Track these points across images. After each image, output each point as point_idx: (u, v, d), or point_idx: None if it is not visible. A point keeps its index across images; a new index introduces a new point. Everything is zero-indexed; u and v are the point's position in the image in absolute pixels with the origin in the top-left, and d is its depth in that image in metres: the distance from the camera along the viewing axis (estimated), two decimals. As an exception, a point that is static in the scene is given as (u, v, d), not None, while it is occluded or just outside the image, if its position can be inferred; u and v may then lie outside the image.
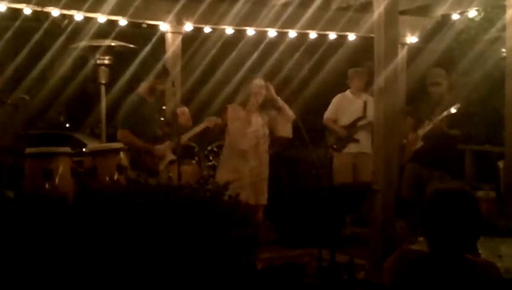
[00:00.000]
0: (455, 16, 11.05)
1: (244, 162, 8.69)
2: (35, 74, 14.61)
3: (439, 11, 11.00)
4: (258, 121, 8.80)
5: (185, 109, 9.06)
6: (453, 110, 8.69)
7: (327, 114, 10.43)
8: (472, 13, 10.77)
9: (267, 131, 8.93)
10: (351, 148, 10.10)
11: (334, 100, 10.48)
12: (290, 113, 8.95)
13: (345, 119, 10.26)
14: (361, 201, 7.66)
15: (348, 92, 10.40)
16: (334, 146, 10.24)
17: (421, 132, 8.92)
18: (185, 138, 8.90)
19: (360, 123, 10.13)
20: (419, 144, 8.94)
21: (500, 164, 10.18)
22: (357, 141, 10.08)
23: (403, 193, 8.68)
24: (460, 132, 8.97)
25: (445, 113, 8.73)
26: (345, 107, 10.29)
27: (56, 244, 5.88)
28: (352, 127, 10.14)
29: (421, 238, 6.55)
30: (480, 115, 13.20)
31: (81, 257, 5.83)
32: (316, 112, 11.17)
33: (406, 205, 8.46)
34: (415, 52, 12.21)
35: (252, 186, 8.64)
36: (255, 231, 8.26)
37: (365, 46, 11.17)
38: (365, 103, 10.10)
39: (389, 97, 7.71)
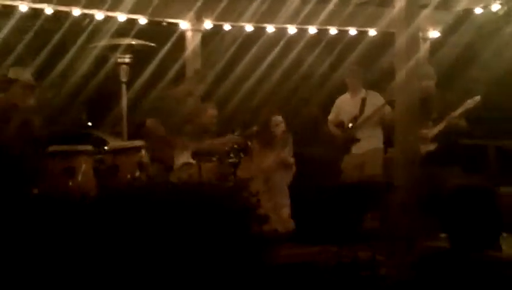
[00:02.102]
0: (478, 10, 10.96)
1: (271, 197, 8.83)
2: (56, 72, 14.65)
3: (461, 5, 10.93)
4: (284, 154, 8.96)
5: (212, 110, 9.22)
6: (470, 104, 8.60)
7: (329, 117, 10.41)
8: (495, 7, 10.67)
9: (291, 160, 9.15)
10: (356, 148, 10.00)
11: (335, 103, 10.45)
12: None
13: (345, 121, 10.19)
14: (382, 197, 7.63)
15: (346, 93, 10.33)
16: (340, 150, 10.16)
17: (428, 132, 8.78)
18: (203, 145, 9.00)
19: (360, 120, 10.01)
20: (430, 145, 8.79)
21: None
22: (358, 140, 9.97)
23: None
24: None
25: (462, 108, 8.64)
26: (343, 109, 10.24)
27: (77, 242, 5.90)
28: (349, 126, 10.04)
29: (443, 235, 6.54)
30: (503, 109, 13.13)
31: (103, 254, 5.85)
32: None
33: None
34: (437, 46, 12.12)
35: (279, 218, 8.77)
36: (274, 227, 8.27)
37: (385, 41, 11.13)
38: (363, 100, 10.01)
39: (410, 92, 7.68)
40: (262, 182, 8.94)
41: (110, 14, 9.96)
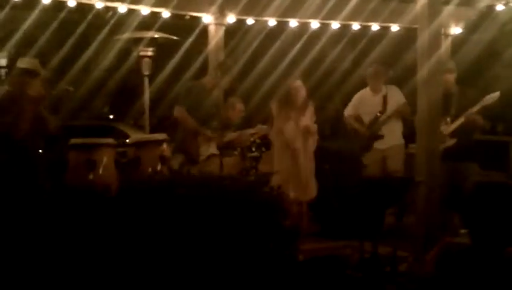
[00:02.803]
0: (499, 7, 10.91)
1: (296, 160, 8.85)
2: (79, 65, 14.74)
3: (484, 2, 10.88)
4: (306, 119, 8.98)
5: (240, 105, 9.30)
6: (488, 100, 8.57)
7: (346, 111, 10.34)
8: (518, 3, 10.63)
9: (314, 127, 9.07)
10: (378, 144, 9.98)
11: (354, 98, 10.41)
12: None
13: (366, 118, 10.16)
14: (404, 193, 7.61)
15: (367, 88, 10.29)
16: (362, 146, 10.14)
17: (446, 128, 8.77)
18: (230, 137, 9.06)
19: (382, 118, 9.99)
20: (449, 141, 8.78)
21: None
22: (381, 137, 9.95)
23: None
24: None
25: (480, 104, 8.62)
26: (364, 105, 10.18)
27: (100, 235, 5.94)
28: (374, 124, 10.03)
29: (463, 231, 6.53)
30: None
31: (124, 247, 5.88)
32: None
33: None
34: (459, 43, 12.08)
35: (304, 183, 8.85)
36: (298, 222, 8.29)
37: (408, 37, 11.10)
38: (385, 97, 9.97)
39: (432, 89, 7.66)
40: (285, 148, 8.98)
41: (133, 7, 9.98)
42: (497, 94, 8.59)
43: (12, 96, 7.83)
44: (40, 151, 8.02)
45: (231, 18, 10.46)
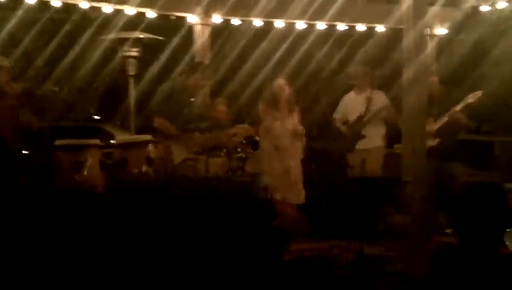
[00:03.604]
0: (484, 8, 10.95)
1: (285, 162, 8.96)
2: (65, 65, 14.69)
3: (469, 3, 10.91)
4: (292, 121, 9.06)
5: (222, 106, 9.27)
6: (471, 98, 8.62)
7: (334, 114, 10.40)
8: (501, 4, 10.65)
9: (302, 129, 9.20)
10: (360, 144, 10.01)
11: (341, 102, 10.45)
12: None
13: (351, 118, 10.18)
14: (391, 193, 7.63)
15: (352, 91, 10.33)
16: (346, 147, 10.17)
17: (430, 128, 8.79)
18: (203, 139, 9.03)
19: (365, 118, 10.01)
20: (432, 141, 8.81)
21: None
22: (362, 137, 9.98)
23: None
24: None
25: (463, 102, 8.67)
26: (349, 107, 10.23)
27: (85, 235, 5.92)
28: (357, 123, 10.05)
29: (449, 230, 6.54)
30: (510, 106, 13.13)
31: (111, 246, 5.87)
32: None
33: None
34: (444, 43, 12.12)
35: (292, 186, 8.90)
36: (287, 223, 8.30)
37: (394, 37, 11.12)
38: (369, 98, 10.01)
39: (418, 89, 7.65)
40: (273, 149, 9.02)
41: (119, 7, 9.95)
42: (479, 92, 8.65)
43: None
44: (26, 152, 7.98)
45: (217, 18, 10.46)
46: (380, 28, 11.47)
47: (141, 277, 5.78)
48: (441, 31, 11.37)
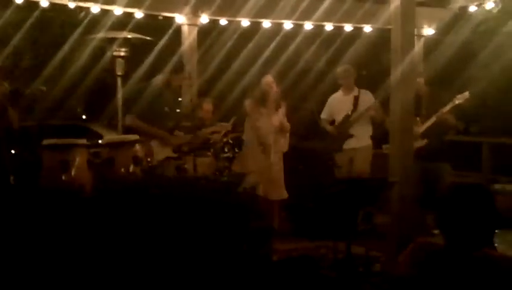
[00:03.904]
0: (472, 8, 10.97)
1: (267, 158, 8.99)
2: (53, 65, 14.66)
3: (457, 3, 10.94)
4: (278, 117, 9.11)
5: (207, 105, 9.26)
6: (459, 99, 8.64)
7: (322, 115, 10.41)
8: (489, 5, 10.68)
9: (288, 125, 9.38)
10: (348, 144, 10.02)
11: (328, 102, 10.46)
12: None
13: (338, 118, 10.20)
14: (378, 194, 7.64)
15: (339, 91, 10.34)
16: (333, 147, 10.17)
17: (417, 129, 8.78)
18: (184, 139, 9.00)
19: (352, 117, 10.02)
20: (420, 142, 8.81)
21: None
22: (351, 136, 9.99)
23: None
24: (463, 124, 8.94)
25: (451, 104, 8.69)
26: (336, 107, 10.25)
27: (71, 235, 5.91)
28: (344, 123, 10.06)
29: (436, 231, 6.56)
30: (498, 107, 13.17)
31: (97, 248, 5.86)
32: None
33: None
34: (432, 44, 12.14)
35: (273, 182, 8.93)
36: (271, 222, 8.32)
37: (382, 38, 11.15)
38: (356, 98, 10.04)
39: (406, 89, 7.68)
40: (258, 145, 9.08)
41: (106, 7, 9.94)
42: (467, 93, 8.67)
43: None
44: (13, 151, 7.96)
45: (204, 18, 10.46)
46: (368, 28, 11.48)
47: (124, 276, 5.77)
48: (428, 31, 11.39)
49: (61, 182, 7.07)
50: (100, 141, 8.50)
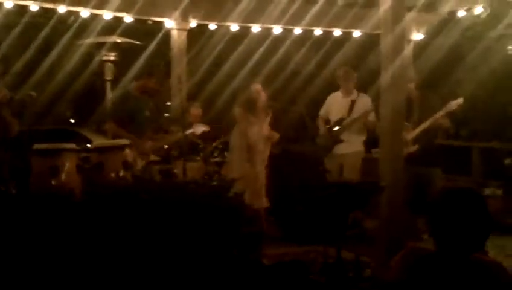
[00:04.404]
0: (461, 13, 11.00)
1: (253, 166, 9.11)
2: (42, 70, 14.63)
3: (446, 8, 10.96)
4: (266, 125, 9.14)
5: (195, 109, 9.29)
6: (453, 106, 8.62)
7: (320, 112, 10.36)
8: (478, 10, 10.70)
9: (276, 135, 9.47)
10: (338, 149, 9.97)
11: (327, 100, 10.41)
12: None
13: (333, 119, 10.16)
14: (368, 198, 7.64)
15: (338, 91, 10.28)
16: (323, 150, 10.13)
17: (409, 134, 8.76)
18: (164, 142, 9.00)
19: (345, 122, 9.97)
20: (412, 147, 8.78)
21: (507, 161, 10.12)
22: (340, 141, 9.95)
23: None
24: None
25: (445, 109, 8.66)
26: (333, 107, 10.18)
27: (61, 240, 5.89)
28: (335, 126, 10.01)
29: (425, 236, 6.54)
30: (487, 111, 13.20)
31: (87, 253, 5.85)
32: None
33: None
34: (420, 48, 12.17)
35: (257, 190, 8.97)
36: (260, 227, 8.32)
37: (370, 42, 11.17)
38: (352, 102, 9.98)
39: (396, 94, 7.69)
40: (245, 152, 9.09)
41: (96, 11, 9.93)
42: (461, 100, 8.63)
43: None
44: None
45: (194, 23, 10.47)
46: (357, 33, 11.51)
47: (115, 280, 5.76)
48: (418, 36, 11.41)
49: (50, 187, 7.06)
50: (89, 146, 8.48)
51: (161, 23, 10.64)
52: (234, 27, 10.91)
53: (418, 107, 8.88)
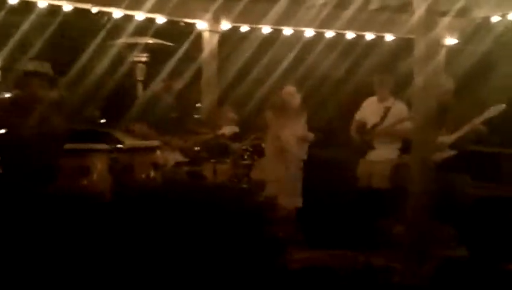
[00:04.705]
0: (495, 18, 10.91)
1: (287, 168, 9.08)
2: (73, 70, 14.69)
3: (479, 13, 10.89)
4: (300, 127, 9.09)
5: (232, 114, 9.32)
6: (493, 112, 8.50)
7: (356, 116, 10.24)
8: (512, 15, 10.63)
9: (311, 135, 9.39)
10: (369, 155, 9.87)
11: (363, 103, 10.29)
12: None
13: (368, 124, 10.05)
14: (397, 204, 7.59)
15: (374, 96, 10.16)
16: (355, 155, 10.05)
17: (446, 139, 8.66)
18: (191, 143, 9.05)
19: (378, 129, 9.87)
20: (448, 152, 8.67)
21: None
22: (372, 148, 9.84)
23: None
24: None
25: (484, 116, 8.54)
26: (368, 112, 10.07)
27: (89, 241, 5.91)
28: (367, 133, 9.92)
29: (454, 244, 6.48)
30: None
31: (116, 252, 5.86)
32: (352, 113, 11.09)
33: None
34: (453, 54, 12.08)
35: (291, 191, 8.91)
36: (288, 231, 8.29)
37: (402, 47, 11.11)
38: (387, 109, 9.86)
39: (428, 99, 7.63)
40: (279, 155, 9.04)
41: (129, 12, 9.97)
42: (501, 106, 8.50)
43: (21, 98, 7.79)
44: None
45: (226, 25, 10.48)
46: (389, 37, 11.47)
47: (142, 282, 5.77)
48: (451, 41, 11.34)
49: (81, 187, 7.09)
50: (121, 146, 8.52)
51: (193, 25, 10.66)
52: (266, 29, 10.90)
53: (453, 112, 8.78)
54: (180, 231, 5.97)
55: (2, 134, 7.73)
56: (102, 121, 18.23)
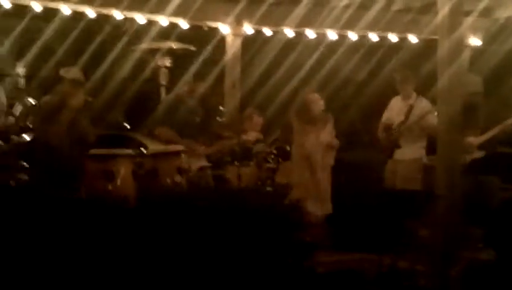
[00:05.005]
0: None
1: (315, 174, 8.98)
2: (97, 75, 14.74)
3: (503, 13, 10.81)
4: (326, 133, 9.04)
5: (258, 118, 9.31)
6: None
7: (382, 118, 10.16)
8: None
9: (336, 142, 9.30)
10: (396, 154, 9.80)
11: (389, 104, 10.21)
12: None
13: (394, 123, 9.98)
14: (423, 207, 7.54)
15: (399, 96, 10.09)
16: (381, 156, 9.99)
17: (474, 140, 8.59)
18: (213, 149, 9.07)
19: (402, 127, 9.80)
20: (477, 153, 8.60)
21: None
22: (399, 147, 9.76)
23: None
24: None
25: None
26: (393, 112, 9.99)
27: (116, 246, 5.92)
28: (392, 132, 9.83)
29: (481, 245, 6.42)
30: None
31: (144, 258, 5.86)
32: (375, 115, 11.05)
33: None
34: (476, 54, 12.00)
35: (320, 197, 8.87)
36: (314, 235, 8.26)
37: (426, 47, 11.05)
38: (410, 106, 9.78)
39: (453, 100, 7.58)
40: (305, 161, 9.00)
41: (152, 17, 9.99)
42: None
43: (54, 105, 7.86)
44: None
45: (248, 29, 10.48)
46: (413, 38, 11.41)
47: (165, 285, 5.78)
48: (475, 41, 11.27)
49: (105, 192, 7.10)
50: (145, 151, 8.54)
51: (215, 29, 10.67)
52: (288, 32, 10.89)
53: (482, 113, 8.70)
54: (208, 237, 5.96)
55: (31, 140, 7.79)
56: (127, 125, 18.29)
